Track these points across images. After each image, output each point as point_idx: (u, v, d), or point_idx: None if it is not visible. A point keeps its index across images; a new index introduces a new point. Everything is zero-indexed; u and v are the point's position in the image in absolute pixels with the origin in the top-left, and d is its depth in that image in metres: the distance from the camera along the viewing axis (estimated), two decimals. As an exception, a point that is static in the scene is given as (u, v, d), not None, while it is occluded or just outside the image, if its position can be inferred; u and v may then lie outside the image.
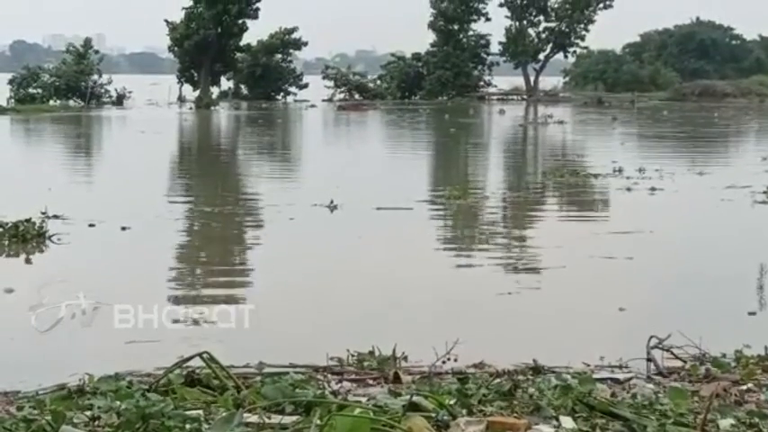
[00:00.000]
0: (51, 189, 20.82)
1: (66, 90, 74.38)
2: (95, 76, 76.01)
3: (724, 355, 8.27)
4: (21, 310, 10.40)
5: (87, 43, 78.38)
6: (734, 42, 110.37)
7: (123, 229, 15.95)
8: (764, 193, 20.38)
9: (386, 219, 17.80)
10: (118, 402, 6.34)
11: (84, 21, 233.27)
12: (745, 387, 7.44)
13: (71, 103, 73.39)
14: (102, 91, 76.28)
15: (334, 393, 7.17)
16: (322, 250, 15.02)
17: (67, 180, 25.69)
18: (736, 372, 7.88)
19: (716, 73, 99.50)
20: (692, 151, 35.69)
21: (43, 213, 16.30)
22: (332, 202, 18.60)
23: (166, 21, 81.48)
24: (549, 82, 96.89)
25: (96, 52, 79.05)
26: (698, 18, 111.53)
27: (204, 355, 7.01)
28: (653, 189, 21.59)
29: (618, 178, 23.60)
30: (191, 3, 79.88)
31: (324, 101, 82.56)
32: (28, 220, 15.11)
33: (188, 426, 5.77)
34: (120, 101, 75.32)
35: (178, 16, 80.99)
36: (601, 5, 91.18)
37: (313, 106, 76.14)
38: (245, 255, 15.35)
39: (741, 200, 19.97)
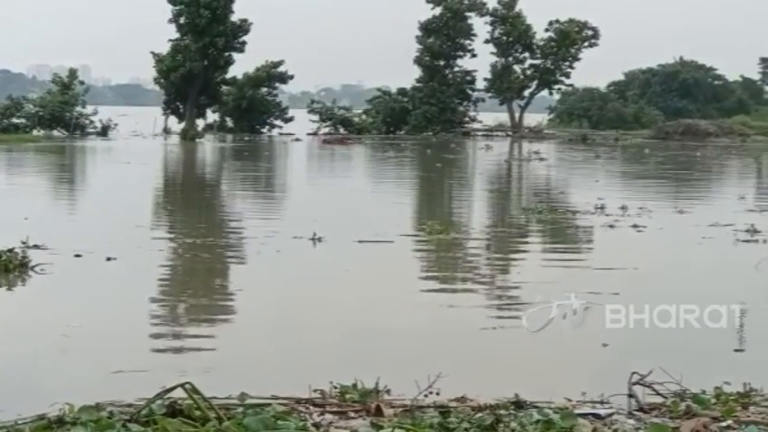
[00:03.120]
0: (27, 218, 20.66)
1: (51, 120, 74.41)
2: (80, 107, 76.08)
3: (704, 392, 8.29)
4: (1, 338, 10.41)
5: (72, 74, 78.44)
6: (716, 83, 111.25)
7: (108, 259, 15.94)
8: (748, 231, 20.43)
9: (368, 252, 17.82)
10: (98, 433, 6.33)
11: (70, 52, 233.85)
12: (724, 424, 7.46)
13: (55, 133, 73.38)
14: (87, 122, 76.30)
15: (317, 425, 7.17)
16: (304, 283, 15.03)
17: (51, 210, 25.67)
18: (715, 408, 7.90)
19: (699, 112, 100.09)
20: (674, 190, 35.83)
21: (23, 243, 16.24)
22: (315, 234, 18.61)
23: (153, 53, 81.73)
24: (533, 118, 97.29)
25: (82, 83, 79.11)
26: (681, 58, 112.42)
27: (186, 386, 6.99)
28: (636, 226, 21.65)
29: (600, 215, 23.66)
30: (177, 35, 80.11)
31: (309, 134, 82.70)
32: (11, 250, 15.07)
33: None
34: (104, 131, 75.36)
35: (164, 48, 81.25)
36: (586, 43, 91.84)
37: (298, 140, 76.21)
38: (228, 286, 15.31)
39: (723, 238, 20.03)
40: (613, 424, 7.56)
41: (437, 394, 8.24)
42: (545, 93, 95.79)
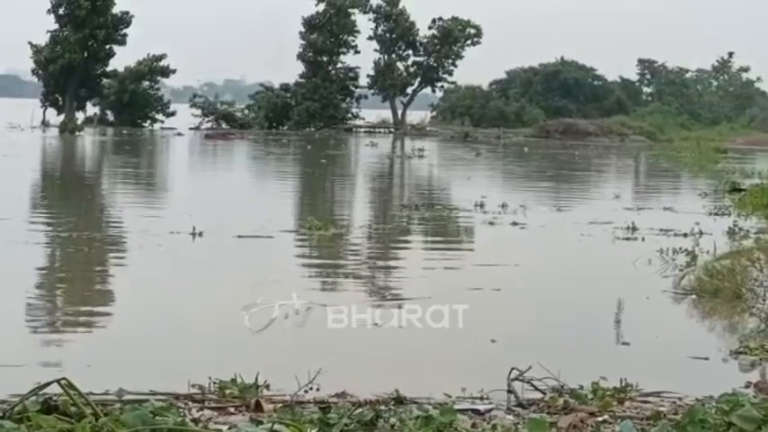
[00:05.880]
0: None
1: None
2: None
3: (581, 387, 8.40)
4: None
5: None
6: (596, 83, 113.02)
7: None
8: (627, 229, 20.74)
9: (247, 247, 17.70)
10: (-31, 430, 6.16)
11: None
12: (601, 418, 7.56)
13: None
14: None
15: (195, 421, 7.08)
16: (183, 277, 14.89)
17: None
18: (592, 403, 8.01)
19: (579, 112, 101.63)
20: (553, 188, 36.31)
21: None
22: (194, 229, 18.42)
23: (30, 43, 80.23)
24: (416, 116, 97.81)
25: (-45, 73, 77.58)
26: (562, 58, 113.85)
27: (62, 382, 6.84)
28: (516, 224, 21.85)
29: (480, 213, 23.85)
30: (56, 26, 78.75)
31: (191, 129, 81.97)
32: None
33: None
34: (-21, 123, 73.79)
35: (43, 39, 79.83)
36: (469, 42, 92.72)
37: (180, 134, 75.51)
38: (106, 281, 15.09)
39: (602, 235, 20.35)
40: (493, 419, 7.61)
41: (317, 390, 8.21)
42: (428, 90, 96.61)
